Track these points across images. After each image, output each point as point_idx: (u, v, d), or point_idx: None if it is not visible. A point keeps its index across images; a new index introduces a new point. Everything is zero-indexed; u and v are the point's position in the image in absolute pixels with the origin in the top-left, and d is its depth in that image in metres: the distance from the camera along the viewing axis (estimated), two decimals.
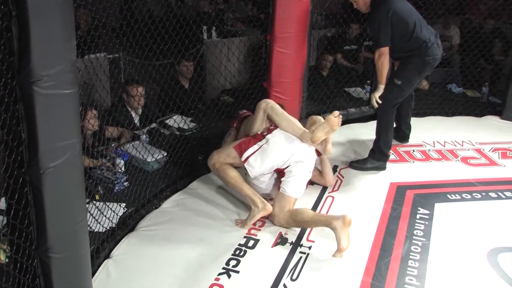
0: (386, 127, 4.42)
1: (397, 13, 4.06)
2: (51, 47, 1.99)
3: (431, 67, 4.25)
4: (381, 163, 4.46)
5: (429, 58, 4.16)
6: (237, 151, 3.66)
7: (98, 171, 3.93)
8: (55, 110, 2.06)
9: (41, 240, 2.19)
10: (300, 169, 3.60)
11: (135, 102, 4.58)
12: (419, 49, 4.13)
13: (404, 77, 4.25)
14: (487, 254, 3.32)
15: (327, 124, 3.54)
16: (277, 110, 3.75)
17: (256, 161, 3.61)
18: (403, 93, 4.33)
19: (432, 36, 4.18)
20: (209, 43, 5.80)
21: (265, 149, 3.61)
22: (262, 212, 3.54)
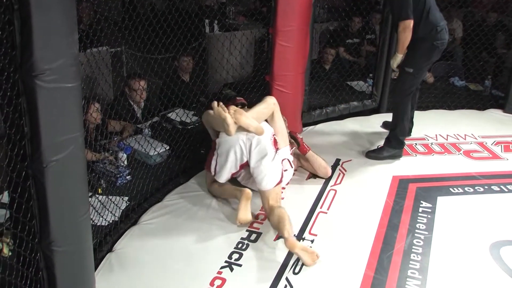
0: (402, 116, 4.43)
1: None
2: (53, 41, 1.98)
3: (439, 51, 4.23)
4: (397, 151, 4.49)
5: (437, 42, 4.14)
6: (207, 170, 3.82)
7: (101, 164, 3.93)
8: (58, 103, 2.06)
9: (44, 234, 2.20)
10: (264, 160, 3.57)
11: (137, 96, 4.58)
12: (429, 34, 4.12)
13: (414, 64, 4.25)
14: (489, 248, 3.32)
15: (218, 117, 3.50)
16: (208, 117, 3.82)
17: (219, 165, 3.71)
18: (416, 80, 4.36)
19: (442, 21, 4.16)
20: (211, 37, 5.79)
21: (220, 152, 3.70)
22: (243, 198, 3.48)
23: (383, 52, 5.42)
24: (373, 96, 5.65)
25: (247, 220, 3.46)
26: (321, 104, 5.36)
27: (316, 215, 3.64)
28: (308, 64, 4.81)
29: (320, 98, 5.59)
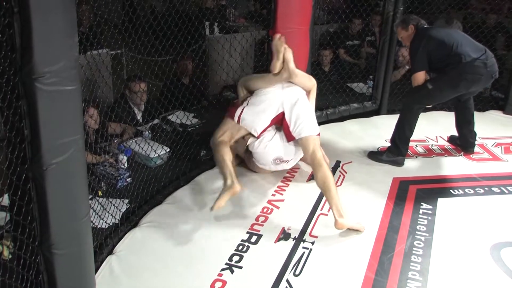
0: (403, 122, 4.40)
1: (433, 38, 4.16)
2: (53, 44, 1.99)
3: (467, 84, 4.16)
4: (398, 158, 4.44)
5: (467, 74, 4.09)
6: (229, 117, 3.79)
7: (101, 167, 3.94)
8: (58, 106, 2.07)
9: (44, 236, 2.20)
10: (301, 107, 3.78)
11: (138, 98, 4.59)
12: (458, 64, 4.09)
13: (436, 84, 4.22)
14: (490, 249, 3.32)
15: (274, 47, 3.84)
16: (248, 78, 4.08)
17: (247, 113, 3.74)
18: (430, 98, 4.32)
19: (475, 53, 4.10)
20: (211, 39, 5.79)
21: (251, 102, 3.80)
22: (229, 190, 3.38)
23: (383, 54, 5.42)
24: (373, 98, 5.65)
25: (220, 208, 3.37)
26: (321, 106, 5.36)
27: (317, 217, 3.63)
28: (308, 66, 4.81)
29: (321, 100, 5.57)
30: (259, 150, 3.86)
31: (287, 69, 3.76)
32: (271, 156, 3.88)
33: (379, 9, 6.56)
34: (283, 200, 3.84)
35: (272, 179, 4.11)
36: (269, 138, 3.83)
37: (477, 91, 4.46)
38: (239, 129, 3.78)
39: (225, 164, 3.57)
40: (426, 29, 4.29)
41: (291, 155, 3.94)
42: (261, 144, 3.83)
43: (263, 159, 3.93)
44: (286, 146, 3.86)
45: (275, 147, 3.84)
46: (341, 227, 3.38)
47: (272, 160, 3.91)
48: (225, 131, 3.80)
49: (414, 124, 4.40)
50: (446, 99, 4.40)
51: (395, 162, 4.44)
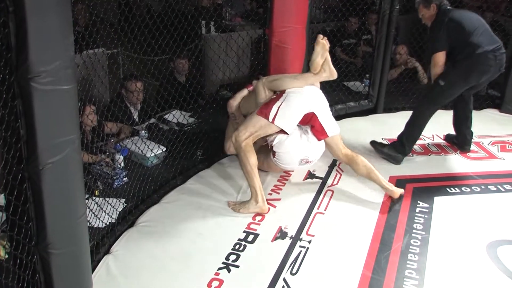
0: (414, 122, 4.45)
1: (454, 20, 4.15)
2: (49, 43, 1.98)
3: (478, 75, 4.20)
4: (398, 155, 4.46)
5: (477, 66, 4.14)
6: (261, 116, 3.68)
7: (98, 166, 3.93)
8: (54, 106, 2.06)
9: (40, 236, 2.19)
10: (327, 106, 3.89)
11: (134, 98, 4.58)
12: (470, 56, 4.11)
13: (447, 79, 4.23)
14: (486, 247, 3.33)
15: (319, 47, 3.70)
16: (274, 77, 3.93)
17: (285, 112, 3.66)
18: (444, 95, 4.32)
19: (489, 45, 4.13)
20: (208, 38, 5.78)
21: (288, 100, 3.70)
22: (257, 209, 3.61)
23: (380, 52, 5.43)
24: (369, 96, 5.66)
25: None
26: None
27: (314, 216, 3.64)
28: (304, 65, 4.80)
29: None
30: (288, 149, 3.82)
31: (327, 69, 3.73)
32: (299, 156, 3.86)
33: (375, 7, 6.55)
34: (280, 199, 3.84)
35: (268, 178, 4.11)
36: (298, 137, 3.81)
37: (485, 83, 4.46)
38: (269, 128, 3.72)
39: (256, 177, 3.66)
40: (448, 10, 4.26)
41: (317, 155, 3.96)
42: (291, 143, 3.80)
43: (289, 159, 3.88)
44: (312, 146, 3.86)
45: (304, 147, 3.83)
46: (397, 194, 3.83)
47: (299, 160, 3.88)
48: (252, 132, 3.70)
49: (424, 126, 4.45)
50: (457, 94, 4.39)
51: (394, 158, 4.47)
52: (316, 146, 3.88)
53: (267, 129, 3.72)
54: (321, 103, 3.82)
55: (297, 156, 3.85)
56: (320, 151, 3.96)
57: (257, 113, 3.70)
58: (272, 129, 3.71)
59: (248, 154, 3.65)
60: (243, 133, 3.68)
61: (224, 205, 3.73)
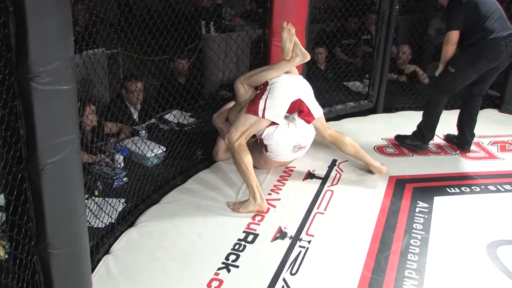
0: (429, 111, 4.60)
1: (472, 1, 4.15)
2: (49, 43, 1.98)
3: (487, 61, 4.21)
4: (419, 143, 4.65)
5: (486, 52, 4.16)
6: (250, 113, 3.71)
7: (97, 166, 3.93)
8: (53, 106, 2.06)
9: (40, 236, 2.19)
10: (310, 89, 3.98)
11: (134, 98, 4.58)
12: (480, 41, 4.15)
13: (457, 65, 4.29)
14: (486, 247, 3.33)
15: (285, 33, 3.75)
16: (250, 73, 3.97)
17: (272, 104, 3.69)
18: (455, 83, 4.38)
19: (502, 31, 4.14)
20: (207, 38, 5.79)
21: (272, 92, 3.72)
22: (256, 207, 3.62)
23: (379, 52, 5.43)
24: (369, 96, 5.66)
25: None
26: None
27: (313, 216, 3.64)
28: (304, 65, 4.81)
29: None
30: (278, 140, 3.87)
31: (299, 53, 3.77)
32: (291, 143, 3.90)
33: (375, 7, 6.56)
34: (280, 199, 3.84)
35: (268, 178, 4.11)
36: (286, 126, 3.86)
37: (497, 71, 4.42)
38: (260, 124, 3.75)
39: (252, 176, 3.67)
40: None
41: (308, 139, 4.02)
42: (280, 134, 3.84)
43: (282, 149, 3.94)
44: (302, 131, 3.92)
45: (294, 134, 3.88)
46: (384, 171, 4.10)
47: (292, 147, 3.93)
48: (243, 131, 3.73)
49: (440, 113, 4.56)
50: (468, 81, 4.40)
51: (416, 146, 4.67)
52: (305, 131, 3.95)
53: (258, 125, 3.75)
54: (305, 88, 3.90)
55: (289, 144, 3.90)
56: (311, 135, 4.03)
57: (245, 112, 3.73)
58: (263, 124, 3.76)
59: (242, 153, 3.67)
60: (235, 134, 3.72)
61: (223, 205, 3.73)
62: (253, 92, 3.87)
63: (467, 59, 4.24)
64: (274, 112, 3.70)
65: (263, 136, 3.86)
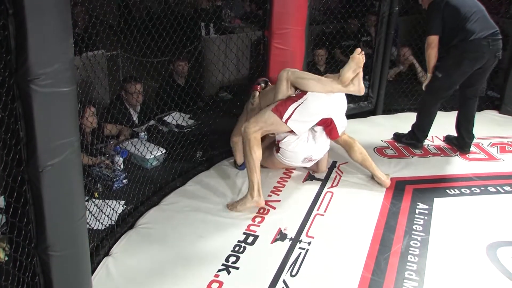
0: (421, 114, 4.69)
1: (451, 4, 4.20)
2: (49, 45, 1.98)
3: (470, 63, 4.24)
4: (413, 142, 4.75)
5: (468, 53, 4.19)
6: (276, 113, 3.64)
7: (97, 168, 3.93)
8: (53, 108, 2.06)
9: (40, 238, 2.19)
10: (341, 114, 3.90)
11: (134, 100, 4.58)
12: (461, 43, 4.19)
13: (443, 70, 4.34)
14: (486, 249, 3.33)
15: (353, 62, 3.59)
16: (300, 75, 3.77)
17: (300, 115, 3.63)
18: (444, 87, 4.42)
19: (483, 31, 4.16)
20: (207, 40, 5.79)
21: (306, 104, 3.64)
22: (254, 203, 3.63)
23: (379, 54, 5.43)
24: (369, 98, 5.65)
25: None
26: None
27: (313, 218, 3.64)
28: (304, 66, 4.81)
29: None
30: (294, 150, 3.86)
31: (356, 84, 3.66)
32: (303, 155, 3.90)
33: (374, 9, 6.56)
34: (280, 200, 3.84)
35: (268, 179, 4.11)
36: (305, 139, 3.83)
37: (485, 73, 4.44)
38: (281, 127, 3.70)
39: (256, 172, 3.64)
40: None
41: (321, 154, 4.03)
42: (298, 145, 3.83)
43: (294, 158, 3.94)
44: (318, 146, 3.91)
45: (310, 147, 3.87)
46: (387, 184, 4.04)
47: (303, 158, 3.93)
48: (262, 127, 3.68)
49: (432, 117, 4.64)
50: (457, 83, 4.45)
51: (411, 145, 4.77)
52: (321, 146, 3.94)
53: (278, 127, 3.71)
54: (341, 108, 3.83)
55: (302, 155, 3.90)
56: (324, 150, 4.03)
57: (272, 110, 3.66)
58: (283, 128, 3.71)
59: (254, 147, 3.64)
60: (253, 126, 3.67)
61: (223, 207, 3.73)
62: (292, 92, 3.77)
63: (451, 62, 4.29)
64: (298, 124, 3.66)
65: (283, 141, 3.85)
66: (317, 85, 3.67)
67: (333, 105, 3.74)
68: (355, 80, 3.65)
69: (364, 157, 4.08)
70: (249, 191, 3.65)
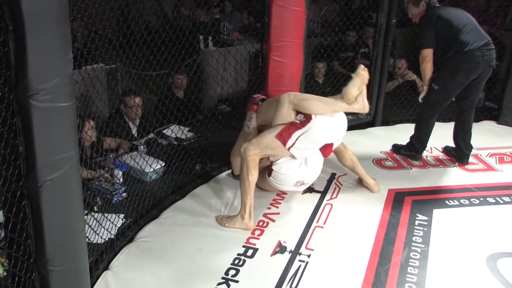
0: (419, 125, 4.73)
1: (442, 18, 4.26)
2: (48, 61, 2.00)
3: (465, 74, 4.27)
4: (412, 153, 4.79)
5: (463, 64, 4.23)
6: (279, 140, 3.57)
7: (97, 182, 3.93)
8: (53, 123, 2.07)
9: (39, 253, 2.19)
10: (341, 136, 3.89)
11: (133, 113, 4.60)
12: (455, 55, 4.23)
13: (439, 82, 4.39)
14: (486, 260, 3.32)
15: (358, 79, 3.54)
16: (302, 97, 3.70)
17: (303, 144, 3.58)
18: (440, 99, 4.45)
19: (477, 42, 4.21)
20: (206, 53, 5.82)
21: (310, 133, 3.57)
22: (242, 226, 3.59)
23: (377, 65, 5.45)
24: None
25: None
26: None
27: (313, 230, 3.63)
28: (302, 79, 4.83)
29: None
30: (286, 173, 3.82)
31: (361, 101, 3.59)
32: (296, 179, 3.86)
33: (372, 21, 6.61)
34: (279, 213, 3.84)
35: (267, 192, 4.11)
36: (298, 163, 3.80)
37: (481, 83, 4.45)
38: (282, 152, 3.65)
39: (250, 194, 3.61)
40: (437, 8, 4.38)
41: (313, 178, 3.99)
42: (290, 168, 3.80)
43: (286, 181, 3.89)
44: (311, 170, 3.88)
45: (302, 171, 3.84)
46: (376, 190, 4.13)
47: (294, 182, 3.89)
48: (263, 150, 3.62)
49: (430, 128, 4.67)
50: (453, 95, 4.47)
51: (410, 156, 4.80)
52: (314, 170, 3.92)
53: (279, 152, 3.67)
54: (342, 131, 3.81)
55: (294, 179, 3.86)
56: (317, 174, 3.99)
57: (275, 136, 3.58)
58: (284, 153, 3.67)
59: (252, 169, 3.60)
60: (254, 148, 3.61)
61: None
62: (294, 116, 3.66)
63: (447, 74, 4.33)
64: (300, 151, 3.64)
65: (275, 163, 3.82)
66: (321, 106, 3.60)
67: (337, 129, 3.72)
68: (359, 97, 3.58)
69: (355, 163, 4.12)
70: (240, 212, 3.63)
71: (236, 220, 3.61)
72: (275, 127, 3.65)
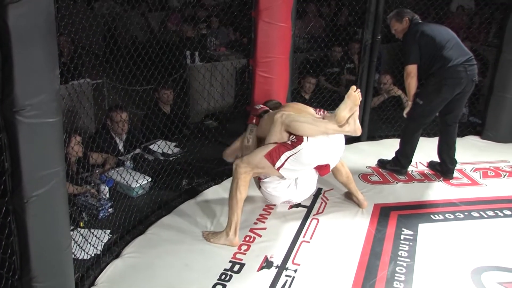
0: (404, 140, 4.79)
1: (426, 34, 4.33)
2: (34, 77, 2.00)
3: (449, 89, 4.33)
4: (397, 168, 4.82)
5: (447, 80, 4.30)
6: (268, 160, 3.52)
7: (83, 198, 3.91)
8: (39, 139, 2.07)
9: (24, 270, 2.18)
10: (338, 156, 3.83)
11: (119, 128, 4.59)
12: (438, 70, 4.30)
13: (424, 97, 4.45)
14: (471, 273, 3.34)
15: (349, 100, 3.38)
16: (294, 118, 3.57)
17: (292, 165, 3.52)
18: (425, 113, 4.52)
19: (459, 57, 4.29)
20: (192, 68, 5.84)
21: (299, 155, 3.49)
22: (227, 242, 3.59)
23: (362, 81, 5.50)
24: None
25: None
26: None
27: (299, 245, 3.64)
28: (288, 94, 4.86)
29: None
30: (272, 193, 3.83)
31: (352, 123, 3.45)
32: (283, 199, 3.89)
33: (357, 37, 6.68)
34: (265, 228, 3.84)
35: (254, 207, 4.11)
36: (286, 184, 3.80)
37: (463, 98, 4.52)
38: (271, 172, 3.61)
39: (237, 212, 3.59)
40: (420, 24, 4.46)
41: (301, 198, 3.99)
42: (277, 188, 3.80)
43: (273, 200, 3.95)
44: (299, 191, 3.87)
45: (289, 192, 3.84)
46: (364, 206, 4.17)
47: (281, 201, 3.94)
48: (253, 169, 3.58)
49: (414, 143, 4.72)
50: (437, 110, 4.53)
51: (395, 171, 4.83)
52: (303, 191, 3.89)
53: (268, 171, 3.64)
54: (338, 152, 3.74)
55: (281, 199, 3.89)
56: (308, 193, 3.97)
57: (265, 156, 3.53)
58: (274, 173, 3.63)
59: (241, 188, 3.57)
60: (245, 166, 3.58)
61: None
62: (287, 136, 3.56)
63: (431, 89, 4.39)
64: (290, 172, 3.61)
65: (264, 180, 3.82)
66: (311, 128, 3.52)
67: (331, 151, 3.65)
68: (350, 119, 3.45)
69: (349, 180, 4.15)
70: (226, 229, 3.62)
71: (221, 236, 3.61)
72: (267, 145, 3.60)
